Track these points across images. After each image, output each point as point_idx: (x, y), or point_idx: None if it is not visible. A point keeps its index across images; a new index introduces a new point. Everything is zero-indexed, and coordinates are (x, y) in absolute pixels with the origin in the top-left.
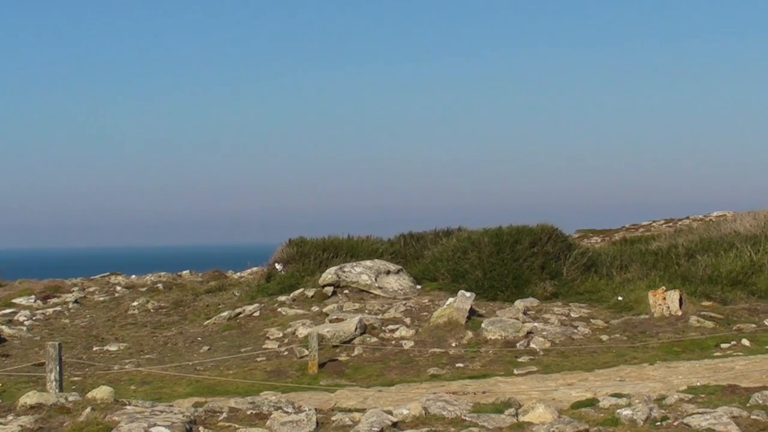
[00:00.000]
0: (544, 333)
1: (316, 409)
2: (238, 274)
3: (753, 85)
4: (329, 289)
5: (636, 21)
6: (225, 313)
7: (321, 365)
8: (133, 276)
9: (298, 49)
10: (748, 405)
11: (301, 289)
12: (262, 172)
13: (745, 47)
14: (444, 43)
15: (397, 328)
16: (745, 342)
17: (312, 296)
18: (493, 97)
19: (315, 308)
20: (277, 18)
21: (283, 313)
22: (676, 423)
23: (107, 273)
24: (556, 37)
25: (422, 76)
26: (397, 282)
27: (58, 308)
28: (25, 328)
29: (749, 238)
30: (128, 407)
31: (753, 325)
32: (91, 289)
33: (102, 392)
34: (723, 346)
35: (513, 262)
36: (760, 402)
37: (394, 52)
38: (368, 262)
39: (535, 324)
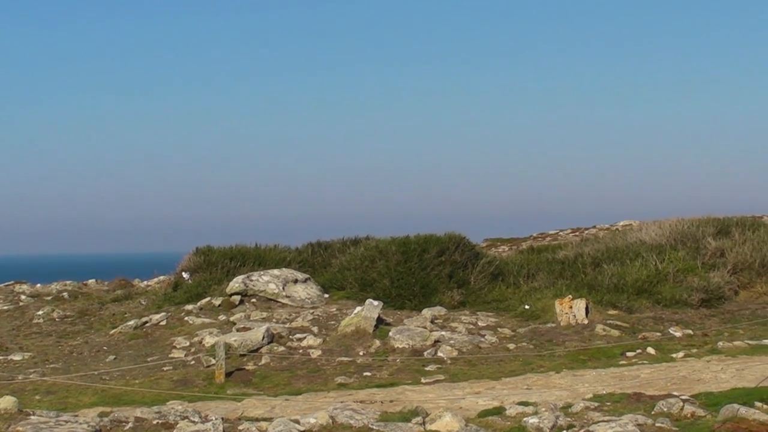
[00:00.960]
0: (452, 342)
1: (222, 419)
2: (145, 282)
3: (655, 96)
4: (237, 298)
5: (536, 30)
6: (131, 322)
7: (228, 374)
8: (38, 285)
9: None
10: (653, 413)
11: (209, 298)
12: (168, 180)
13: (631, 60)
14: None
15: (305, 337)
16: (651, 350)
17: (219, 305)
18: (399, 105)
19: (222, 317)
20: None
21: (190, 322)
22: (582, 431)
23: (11, 282)
24: (464, 46)
25: (316, 83)
26: (305, 291)
27: None
28: None
29: (655, 247)
30: (32, 417)
31: (658, 334)
32: None
33: (6, 402)
34: (629, 354)
35: (421, 271)
36: (665, 410)
37: (288, 63)
38: (276, 271)
39: (443, 333)
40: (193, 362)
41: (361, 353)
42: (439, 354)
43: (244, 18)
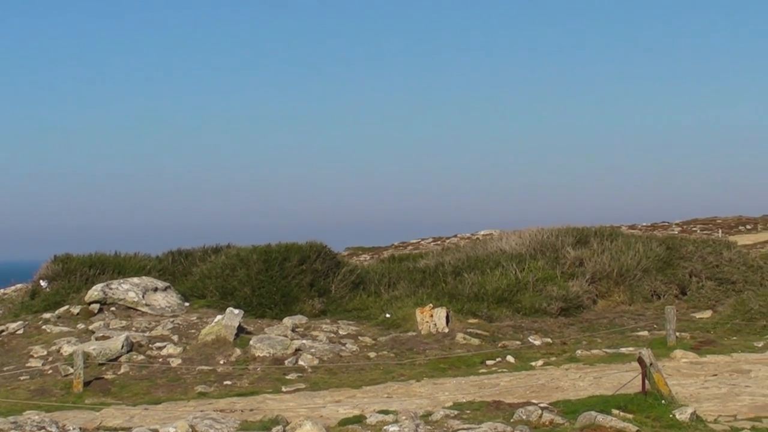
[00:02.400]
0: (313, 350)
1: (80, 428)
2: (1, 291)
3: (513, 108)
4: (96, 307)
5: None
6: None
7: (87, 383)
8: None
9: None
10: (512, 420)
11: (67, 307)
12: (23, 187)
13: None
14: None
15: (165, 346)
16: (510, 359)
17: (78, 313)
18: (257, 112)
19: (81, 326)
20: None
21: (48, 330)
22: None
23: None
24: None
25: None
26: (165, 299)
27: None
28: None
29: (515, 256)
30: None
31: (518, 342)
32: None
33: None
34: (488, 362)
35: (282, 279)
36: (524, 417)
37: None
38: (136, 279)
39: (304, 341)
40: (50, 371)
41: (221, 362)
42: (300, 362)
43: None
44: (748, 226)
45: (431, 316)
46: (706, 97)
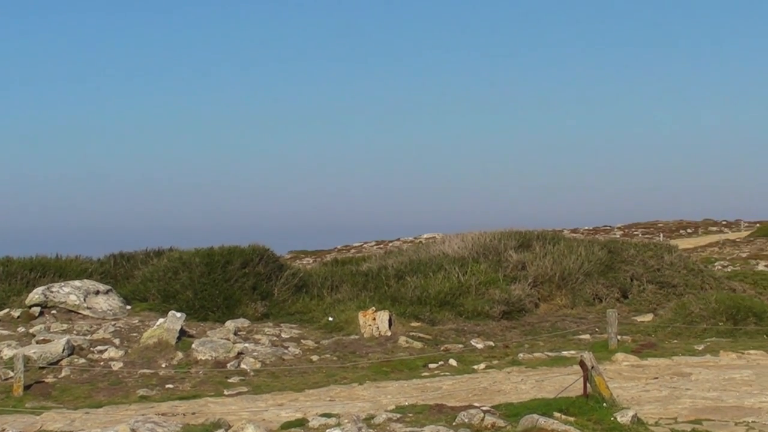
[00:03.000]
0: (255, 353)
1: None
2: None
3: (455, 113)
4: (36, 310)
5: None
6: None
7: (27, 387)
8: None
9: None
10: (454, 423)
11: (7, 310)
12: None
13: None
14: None
15: (106, 349)
16: (453, 362)
17: (18, 317)
18: (196, 115)
19: (21, 329)
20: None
21: None
22: None
23: None
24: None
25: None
26: (107, 302)
27: None
28: None
29: (457, 259)
30: None
31: (460, 346)
32: None
33: None
34: (431, 366)
35: (224, 282)
36: (466, 420)
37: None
38: (77, 282)
39: (246, 344)
40: None
41: (163, 365)
42: (243, 366)
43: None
44: (689, 230)
45: (374, 319)
46: (644, 102)
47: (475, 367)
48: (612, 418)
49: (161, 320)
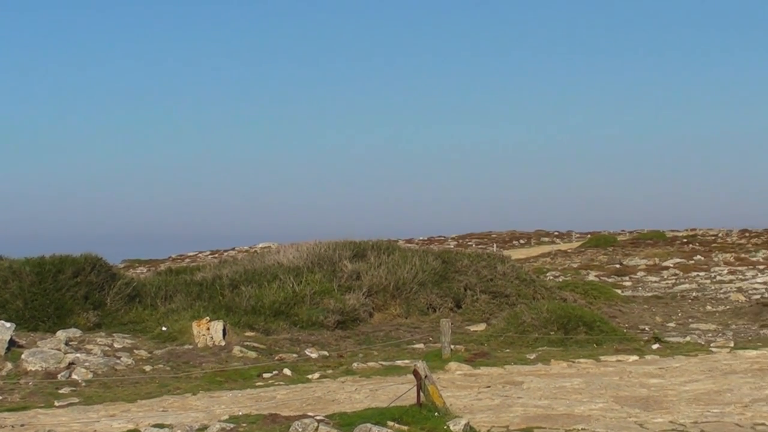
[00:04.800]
0: (87, 364)
1: None
2: None
3: (286, 126)
4: None
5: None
6: None
7: None
8: None
9: None
10: None
11: None
12: None
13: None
14: None
15: None
16: (287, 371)
17: None
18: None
19: None
20: None
21: None
22: None
23: None
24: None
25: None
26: None
27: None
28: None
29: (292, 269)
30: None
31: (294, 355)
32: None
33: None
34: (265, 375)
35: (56, 292)
36: (300, 430)
37: None
38: None
39: (78, 355)
40: None
41: None
42: (74, 376)
43: None
44: (522, 241)
45: (208, 329)
46: (466, 117)
47: (310, 376)
48: (445, 427)
49: None
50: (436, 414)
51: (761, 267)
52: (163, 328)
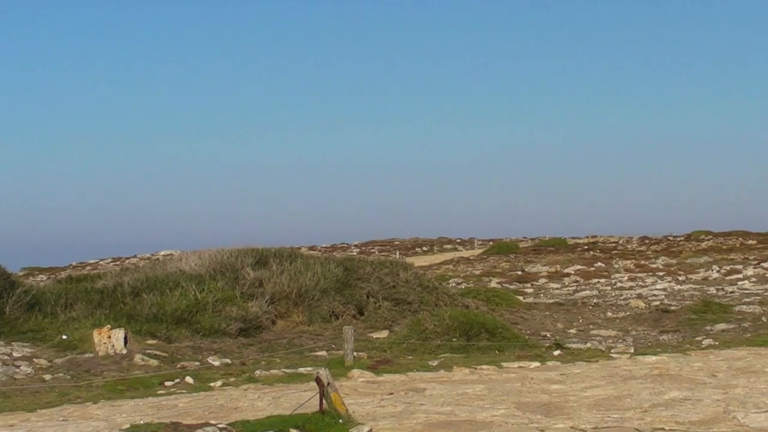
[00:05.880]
0: None
1: None
2: None
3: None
4: None
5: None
6: None
7: None
8: None
9: None
10: None
11: None
12: None
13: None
14: None
15: None
16: (189, 379)
17: None
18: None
19: None
20: None
21: None
22: None
23: None
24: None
25: None
26: None
27: None
28: None
29: (194, 277)
30: None
31: (197, 363)
32: None
33: None
34: (167, 383)
35: None
36: None
37: None
38: None
39: None
40: None
41: None
42: None
43: None
44: (425, 248)
45: (109, 337)
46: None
47: (212, 384)
48: None
49: None
50: (339, 421)
51: (661, 274)
52: (64, 337)
